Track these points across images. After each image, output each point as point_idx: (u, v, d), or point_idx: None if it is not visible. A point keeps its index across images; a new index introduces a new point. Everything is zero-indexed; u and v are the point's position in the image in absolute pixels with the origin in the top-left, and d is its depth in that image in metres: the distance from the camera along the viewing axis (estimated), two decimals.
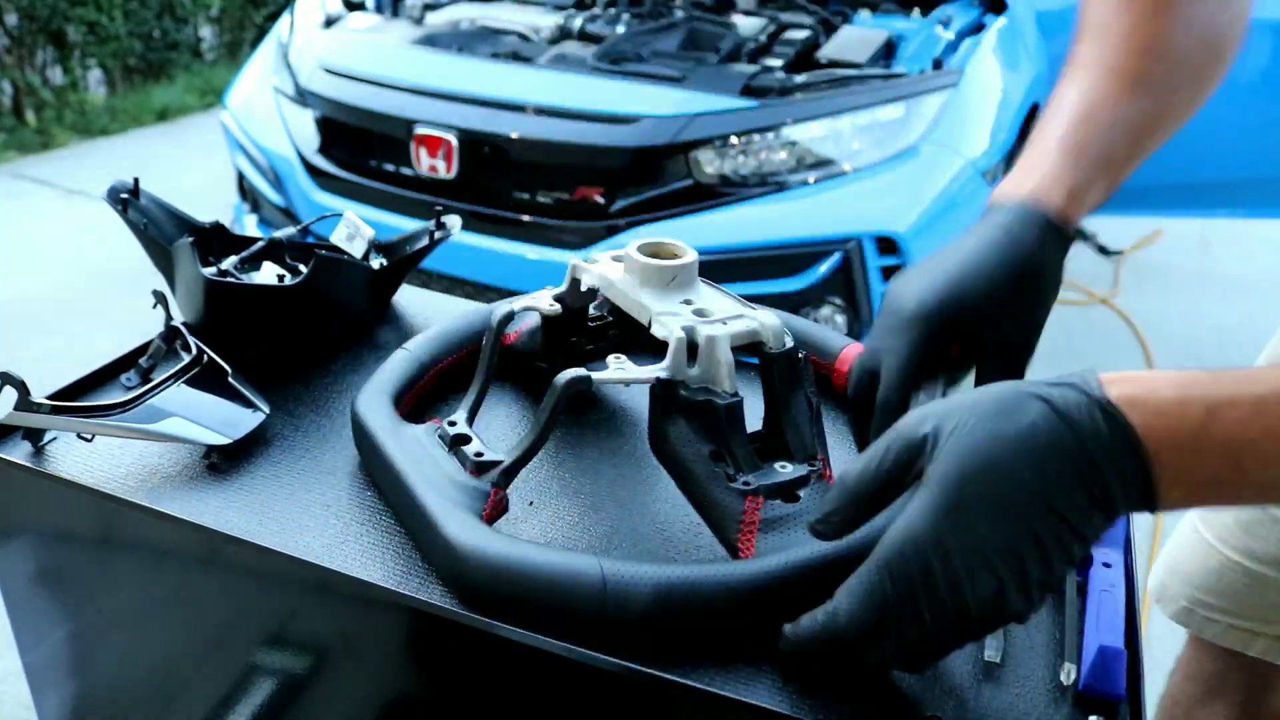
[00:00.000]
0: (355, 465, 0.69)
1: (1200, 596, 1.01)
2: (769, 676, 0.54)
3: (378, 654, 0.64)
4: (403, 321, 0.89)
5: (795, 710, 0.51)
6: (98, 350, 0.74)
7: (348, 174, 2.49)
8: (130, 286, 3.02)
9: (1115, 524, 0.47)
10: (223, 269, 0.80)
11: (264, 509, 0.64)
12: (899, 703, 0.53)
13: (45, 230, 3.58)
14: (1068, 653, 0.55)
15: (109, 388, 0.76)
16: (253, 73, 2.92)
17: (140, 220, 0.80)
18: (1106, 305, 3.33)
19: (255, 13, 5.77)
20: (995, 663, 0.55)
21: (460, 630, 0.56)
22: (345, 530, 0.63)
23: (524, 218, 2.29)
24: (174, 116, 4.97)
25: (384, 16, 2.93)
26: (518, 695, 0.58)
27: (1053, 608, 0.60)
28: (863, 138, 2.23)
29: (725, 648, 0.54)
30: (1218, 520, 1.00)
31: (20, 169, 4.14)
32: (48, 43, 4.78)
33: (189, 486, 0.66)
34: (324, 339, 0.83)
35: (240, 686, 0.69)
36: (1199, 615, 1.01)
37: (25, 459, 0.67)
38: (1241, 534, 0.96)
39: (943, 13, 2.67)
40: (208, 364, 0.72)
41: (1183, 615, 1.03)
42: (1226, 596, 0.99)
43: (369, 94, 2.46)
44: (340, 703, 0.67)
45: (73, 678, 0.78)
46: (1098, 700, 0.53)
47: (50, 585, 0.74)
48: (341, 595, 0.61)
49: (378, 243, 0.87)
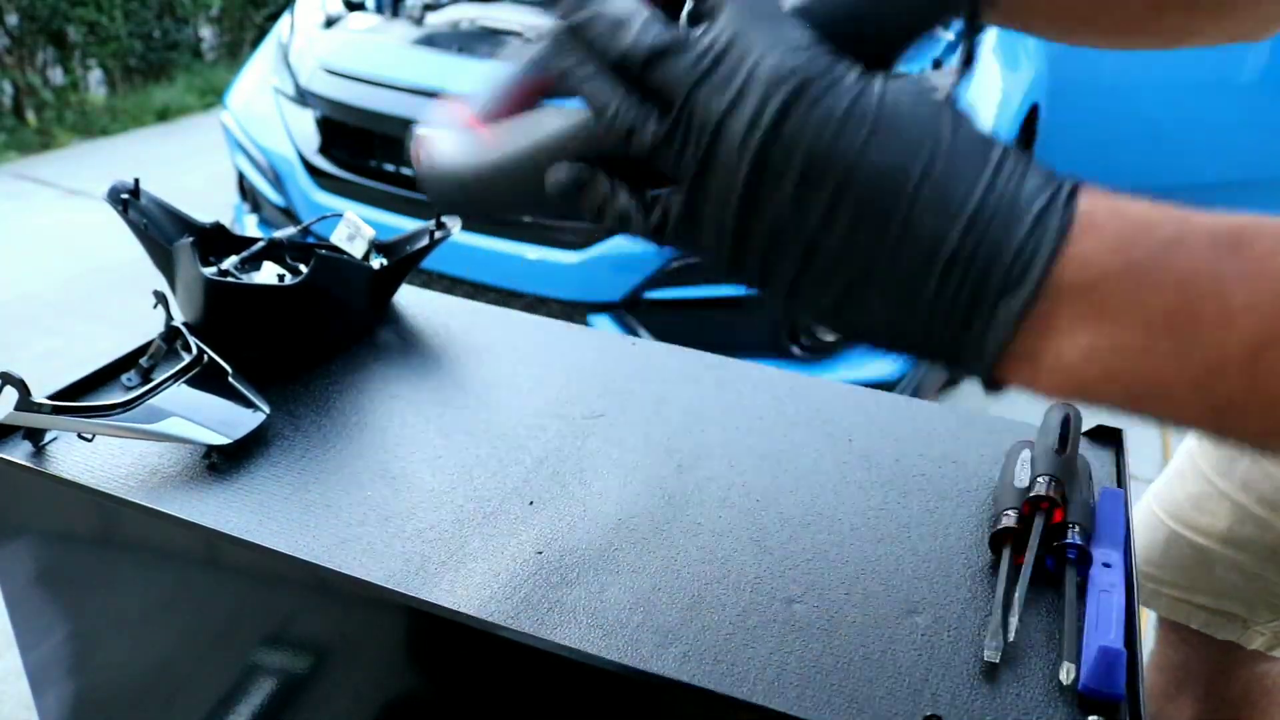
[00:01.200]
0: (355, 465, 0.69)
1: (1147, 569, 1.03)
2: (769, 676, 0.54)
3: (378, 654, 0.64)
4: (403, 321, 0.89)
5: (794, 709, 0.51)
6: (98, 350, 0.74)
7: (348, 174, 2.49)
8: (130, 286, 3.03)
9: None
10: (223, 269, 0.80)
11: (264, 509, 0.64)
12: (899, 703, 0.53)
13: (45, 230, 3.58)
14: (1067, 653, 0.55)
15: (109, 388, 0.76)
16: (253, 73, 2.92)
17: (140, 220, 0.80)
18: None
19: (255, 13, 5.77)
20: (995, 663, 0.55)
21: (460, 630, 0.56)
22: (345, 530, 0.63)
23: (524, 217, 2.29)
24: (174, 116, 4.97)
25: (384, 16, 2.92)
26: (518, 695, 0.59)
27: (1053, 608, 0.60)
28: None
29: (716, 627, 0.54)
30: (1168, 495, 1.02)
31: (20, 169, 4.14)
32: (48, 43, 4.78)
33: (189, 486, 0.66)
34: (324, 339, 0.83)
35: (240, 686, 0.69)
36: (1147, 588, 1.04)
37: (25, 459, 0.67)
38: (1191, 509, 0.99)
39: None
40: (208, 364, 0.72)
41: None
42: (1173, 570, 1.02)
43: (369, 94, 2.46)
44: (340, 703, 0.67)
45: (73, 678, 0.78)
46: (1097, 700, 0.53)
47: (50, 585, 0.74)
48: (341, 595, 0.61)
49: (378, 243, 0.87)
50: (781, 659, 0.55)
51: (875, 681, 0.54)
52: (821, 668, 0.54)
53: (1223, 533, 0.97)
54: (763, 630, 0.57)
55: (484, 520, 0.64)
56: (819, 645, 0.56)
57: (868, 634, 0.57)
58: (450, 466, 0.70)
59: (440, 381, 0.80)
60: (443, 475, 0.69)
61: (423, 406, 0.76)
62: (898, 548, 0.64)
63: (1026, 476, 0.66)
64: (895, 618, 0.59)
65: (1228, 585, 0.99)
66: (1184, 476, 1.00)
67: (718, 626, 0.57)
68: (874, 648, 0.56)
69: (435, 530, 0.63)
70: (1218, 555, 0.98)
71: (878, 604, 0.60)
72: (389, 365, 0.82)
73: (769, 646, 0.56)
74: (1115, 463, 0.75)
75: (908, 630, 0.58)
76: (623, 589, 0.59)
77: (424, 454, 0.71)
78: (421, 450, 0.71)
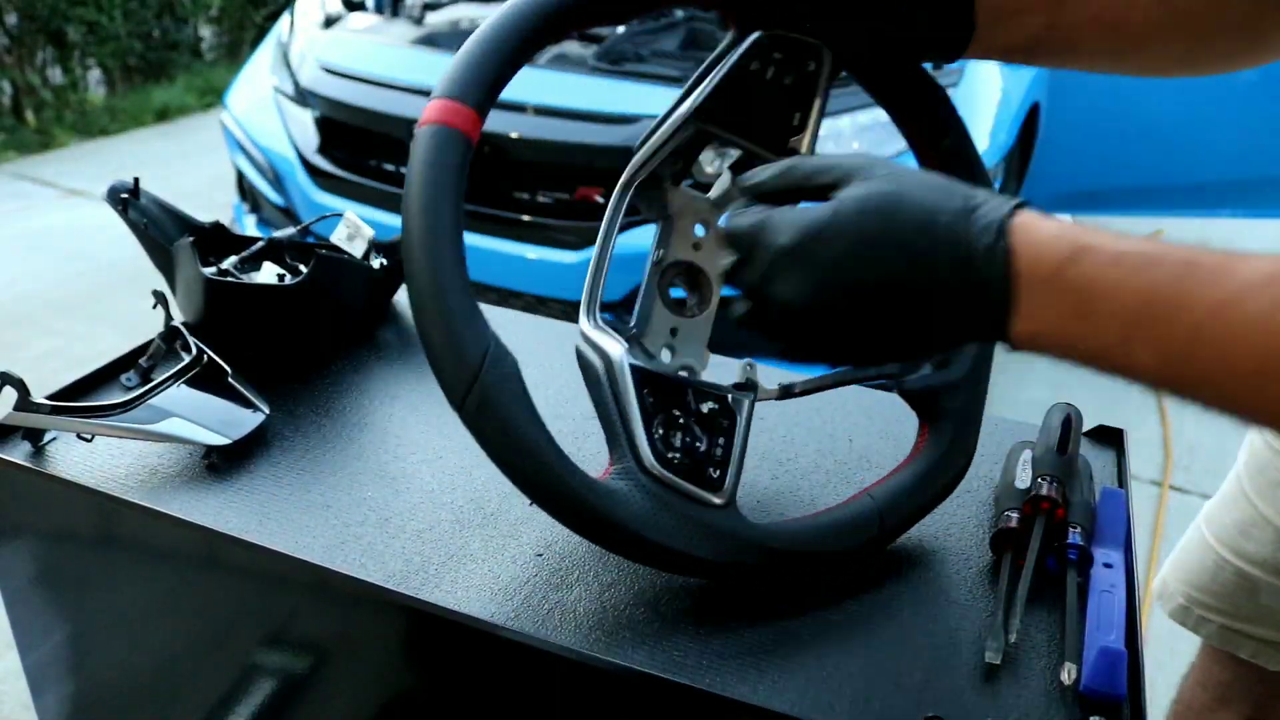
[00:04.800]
0: (355, 465, 0.69)
1: (1196, 595, 1.01)
2: (769, 676, 0.54)
3: (378, 654, 0.64)
4: (403, 321, 0.89)
5: (795, 710, 0.51)
6: (98, 350, 0.74)
7: (348, 174, 2.49)
8: (130, 286, 3.03)
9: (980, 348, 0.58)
10: (223, 269, 0.80)
11: (264, 509, 0.64)
12: (899, 703, 0.53)
13: (45, 230, 3.58)
14: (1068, 653, 0.55)
15: (109, 388, 0.76)
16: (252, 73, 2.92)
17: (140, 220, 0.80)
18: None
19: (255, 13, 5.77)
20: (995, 663, 0.55)
21: (460, 630, 0.56)
22: (345, 530, 0.63)
23: (524, 218, 2.29)
24: (174, 116, 4.97)
25: (384, 16, 2.92)
26: (518, 695, 0.58)
27: (1054, 608, 0.60)
28: (863, 137, 2.23)
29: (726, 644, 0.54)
30: (1217, 519, 0.99)
31: (20, 169, 4.14)
32: (48, 43, 4.78)
33: (189, 486, 0.66)
34: (324, 339, 0.83)
35: (240, 686, 0.69)
36: (1195, 614, 1.01)
37: (25, 459, 0.67)
38: (1237, 535, 0.96)
39: None
40: (208, 364, 0.72)
41: (1179, 613, 1.03)
42: (1221, 596, 0.99)
43: (369, 94, 2.46)
44: (340, 703, 0.67)
45: (73, 678, 0.78)
46: (1098, 700, 0.53)
47: (50, 585, 0.73)
48: (341, 595, 0.61)
49: (378, 243, 0.87)
50: (782, 660, 0.55)
51: (875, 681, 0.54)
52: (822, 668, 0.54)
53: (1268, 559, 0.94)
54: (764, 631, 0.57)
55: (484, 521, 0.64)
56: (819, 646, 0.56)
57: (868, 634, 0.57)
58: (450, 466, 0.70)
59: None
60: (443, 475, 0.69)
61: (423, 406, 0.76)
62: (898, 548, 0.64)
63: (1027, 477, 0.66)
64: (896, 618, 0.59)
65: (1275, 613, 0.95)
66: (1232, 501, 0.97)
67: (718, 627, 0.57)
68: (874, 648, 0.56)
69: (435, 531, 0.63)
70: (1263, 583, 0.94)
71: (878, 604, 0.60)
72: (389, 365, 0.82)
73: (769, 647, 0.56)
74: (1115, 463, 0.75)
75: (908, 630, 0.58)
76: (622, 590, 0.59)
77: (424, 454, 0.71)
78: (421, 450, 0.71)
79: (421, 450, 0.71)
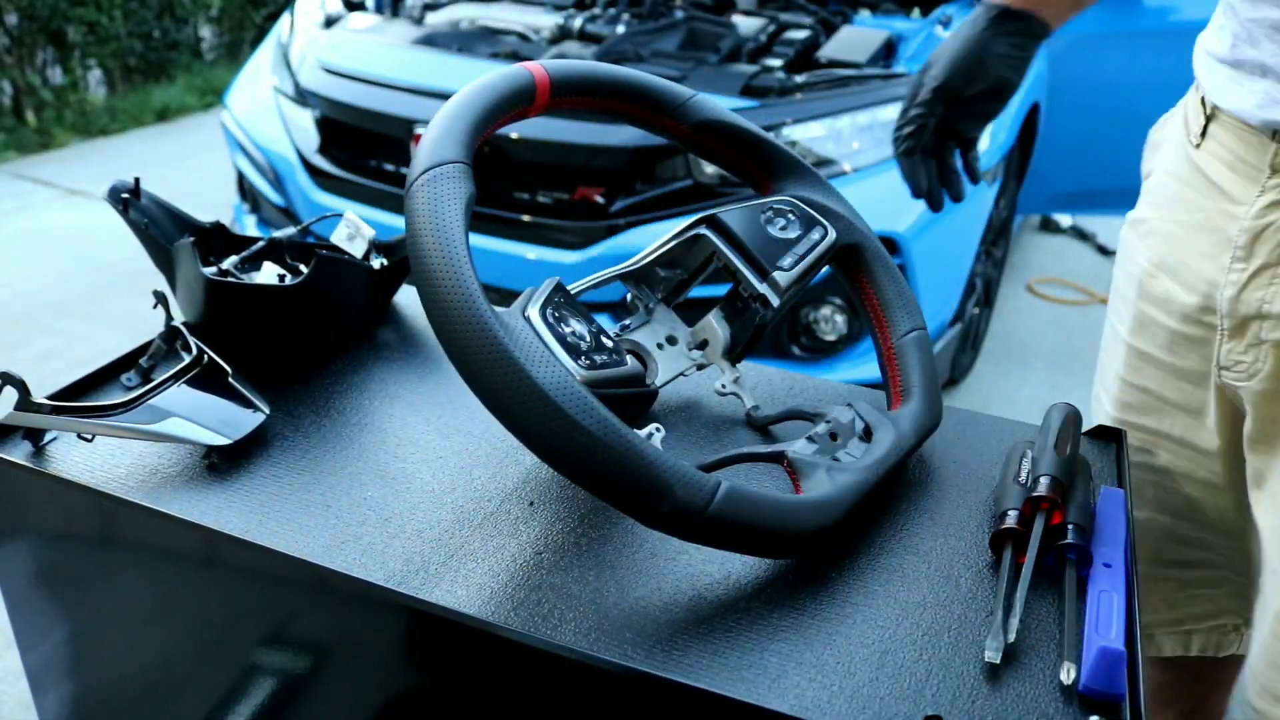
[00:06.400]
0: (355, 465, 0.69)
1: None
2: (769, 676, 0.54)
3: (378, 654, 0.64)
4: (403, 321, 0.89)
5: (795, 710, 0.51)
6: (98, 350, 0.74)
7: (348, 174, 2.49)
8: (130, 286, 3.03)
9: None
10: (223, 269, 0.80)
11: (264, 509, 0.64)
12: (899, 703, 0.53)
13: (45, 230, 3.58)
14: (1068, 653, 0.55)
15: (109, 388, 0.76)
16: (253, 73, 2.92)
17: (141, 220, 0.80)
18: (1107, 305, 3.33)
19: (255, 13, 5.77)
20: (995, 663, 0.55)
21: (460, 630, 0.56)
22: (345, 530, 0.63)
23: (524, 218, 2.29)
24: (174, 116, 4.96)
25: (384, 16, 2.92)
26: (518, 695, 0.58)
27: (1054, 608, 0.60)
28: (863, 138, 2.23)
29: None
30: None
31: (20, 169, 4.14)
32: (48, 43, 4.78)
33: (189, 486, 0.66)
34: (324, 339, 0.83)
35: (240, 686, 0.69)
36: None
37: (25, 459, 0.67)
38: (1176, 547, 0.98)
39: (943, 12, 2.67)
40: (208, 364, 0.72)
41: None
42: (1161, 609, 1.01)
43: (369, 94, 2.46)
44: (340, 703, 0.67)
45: (73, 677, 0.78)
46: (1098, 700, 0.53)
47: (50, 585, 0.74)
48: (341, 595, 0.61)
49: (378, 243, 0.87)
50: (782, 659, 0.55)
51: (875, 681, 0.54)
52: (822, 668, 0.54)
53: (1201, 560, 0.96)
54: (764, 631, 0.57)
55: (484, 520, 0.64)
56: (820, 645, 0.56)
57: (868, 634, 0.57)
58: (450, 466, 0.70)
59: (440, 381, 0.80)
60: (442, 475, 0.69)
61: (422, 406, 0.76)
62: (898, 548, 0.64)
63: (1027, 477, 0.66)
64: (895, 618, 0.59)
65: None
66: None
67: (718, 627, 0.57)
68: (874, 648, 0.56)
69: (435, 530, 0.63)
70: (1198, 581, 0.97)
71: (878, 604, 0.60)
72: (389, 365, 0.82)
73: (770, 647, 0.56)
74: (1115, 463, 0.75)
75: (908, 630, 0.58)
76: (622, 590, 0.59)
77: (424, 454, 0.71)
78: (421, 450, 0.71)
79: (421, 450, 0.71)
